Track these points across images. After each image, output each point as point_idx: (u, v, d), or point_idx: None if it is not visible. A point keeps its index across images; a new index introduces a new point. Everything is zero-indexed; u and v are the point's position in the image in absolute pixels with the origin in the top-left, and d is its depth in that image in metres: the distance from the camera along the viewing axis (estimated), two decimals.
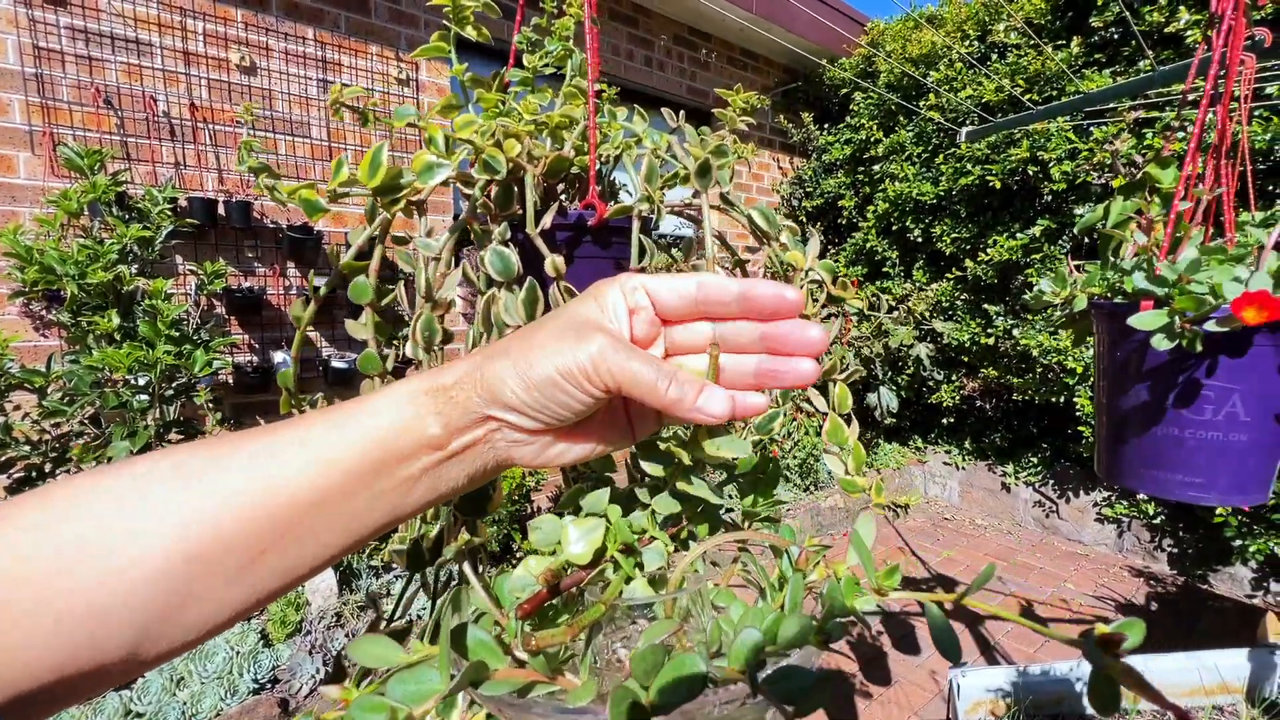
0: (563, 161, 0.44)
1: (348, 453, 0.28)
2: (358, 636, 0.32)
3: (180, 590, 0.25)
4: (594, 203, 0.46)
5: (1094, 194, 3.13)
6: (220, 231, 2.44)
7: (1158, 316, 0.65)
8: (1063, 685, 1.41)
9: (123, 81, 2.25)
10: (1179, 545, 3.12)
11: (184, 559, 0.25)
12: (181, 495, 0.25)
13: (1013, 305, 3.53)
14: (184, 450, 0.27)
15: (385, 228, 0.46)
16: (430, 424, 0.29)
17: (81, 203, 1.83)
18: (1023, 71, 3.27)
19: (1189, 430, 0.72)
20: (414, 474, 0.29)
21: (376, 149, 0.40)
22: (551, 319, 0.31)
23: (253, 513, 0.26)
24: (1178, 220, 0.70)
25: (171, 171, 2.36)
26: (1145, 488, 0.77)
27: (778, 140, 4.56)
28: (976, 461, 3.93)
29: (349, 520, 0.28)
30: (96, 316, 1.75)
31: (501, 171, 0.41)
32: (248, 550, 0.26)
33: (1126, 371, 0.76)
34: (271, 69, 2.56)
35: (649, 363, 0.29)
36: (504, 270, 0.41)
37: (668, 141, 0.47)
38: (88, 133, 2.20)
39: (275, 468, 0.27)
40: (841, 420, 0.54)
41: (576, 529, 0.34)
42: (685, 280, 0.33)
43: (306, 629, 2.25)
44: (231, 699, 1.87)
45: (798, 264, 0.52)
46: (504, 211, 0.43)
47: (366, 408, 0.29)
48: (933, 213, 3.78)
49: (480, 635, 0.27)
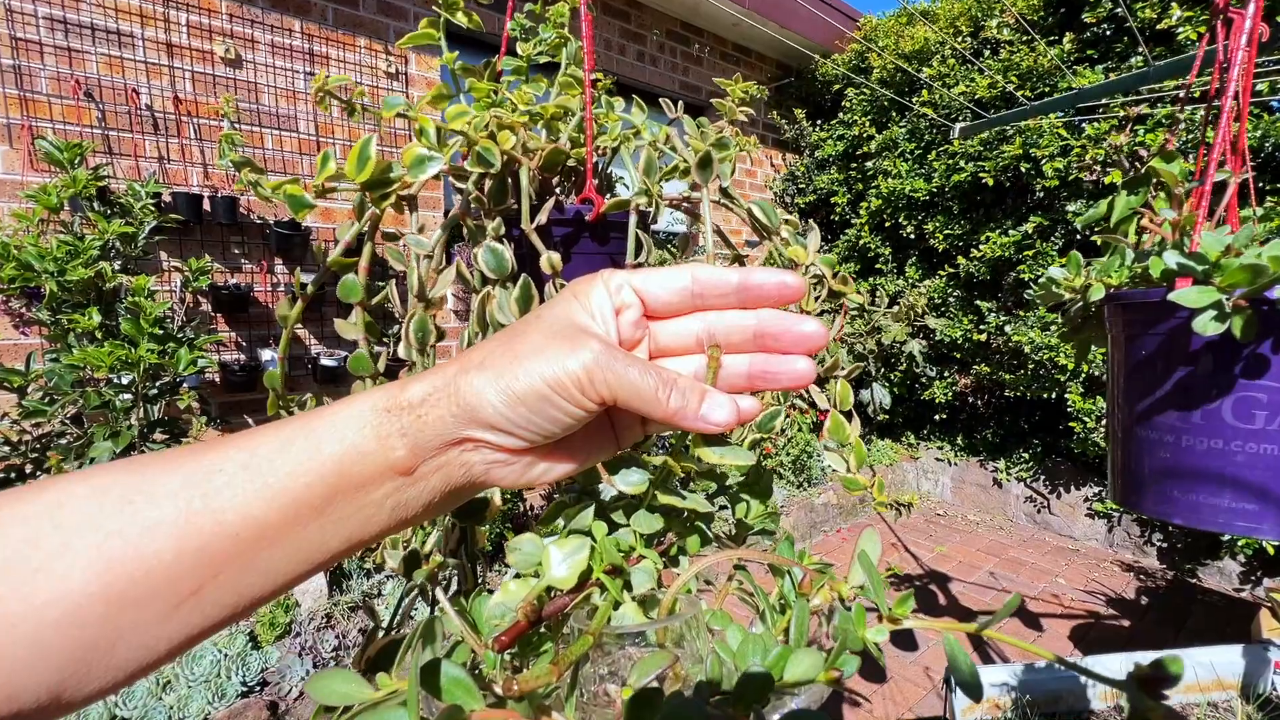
0: (559, 154, 0.42)
1: (297, 481, 0.25)
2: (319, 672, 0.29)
3: (105, 631, 0.22)
4: (591, 197, 0.44)
5: (1086, 191, 3.14)
6: (206, 227, 2.40)
7: (1204, 293, 0.54)
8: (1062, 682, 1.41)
9: (104, 74, 2.20)
10: (1168, 540, 3.15)
11: (105, 600, 0.22)
12: (102, 528, 0.22)
13: (1005, 302, 3.54)
14: (108, 473, 0.24)
15: (375, 224, 0.44)
16: (394, 447, 0.26)
17: (61, 198, 1.78)
18: (1015, 68, 3.27)
19: (1235, 443, 0.58)
20: (376, 500, 0.26)
21: (364, 142, 0.38)
22: (534, 323, 0.28)
23: (184, 546, 0.23)
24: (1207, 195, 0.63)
25: (155, 166, 2.31)
26: (1179, 516, 0.63)
27: (770, 136, 4.55)
28: (969, 458, 3.94)
29: (300, 551, 0.25)
30: (77, 314, 1.71)
31: (496, 164, 0.39)
32: (180, 588, 0.23)
33: (1150, 374, 0.64)
34: (258, 62, 2.51)
35: (647, 371, 0.27)
36: (498, 268, 0.39)
37: (667, 133, 0.45)
38: (68, 126, 2.15)
39: (213, 496, 0.24)
40: (843, 417, 0.53)
41: (559, 550, 0.31)
42: (677, 273, 0.30)
43: (296, 630, 2.22)
44: (219, 702, 1.84)
45: (799, 259, 0.51)
46: (498, 206, 0.41)
47: (321, 426, 0.26)
48: (925, 209, 3.78)
49: (454, 673, 0.24)
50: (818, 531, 3.47)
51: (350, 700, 0.27)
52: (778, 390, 0.32)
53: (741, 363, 0.31)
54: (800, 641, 0.27)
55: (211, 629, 0.25)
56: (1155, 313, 0.64)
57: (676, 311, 0.31)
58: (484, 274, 0.39)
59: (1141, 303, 0.66)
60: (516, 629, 0.30)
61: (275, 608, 2.21)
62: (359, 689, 0.27)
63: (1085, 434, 3.20)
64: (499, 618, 0.33)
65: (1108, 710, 1.51)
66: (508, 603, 0.33)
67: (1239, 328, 0.56)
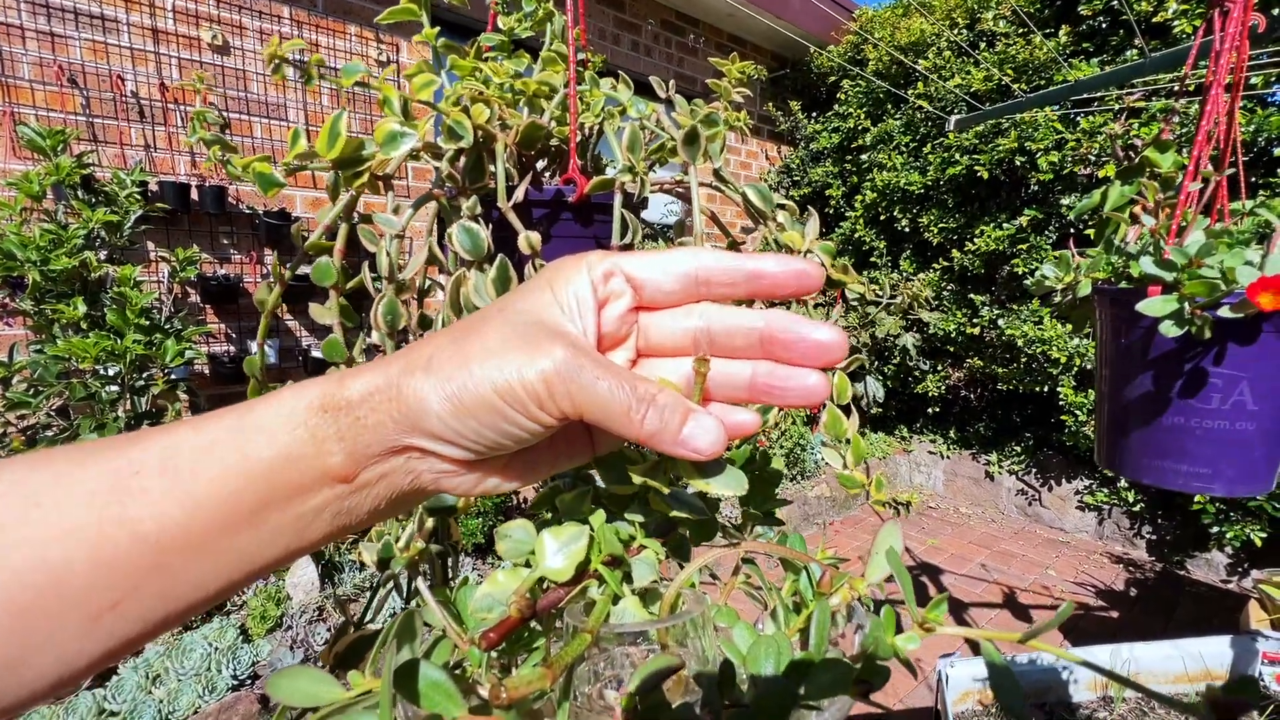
0: (538, 130, 0.41)
1: (221, 489, 0.22)
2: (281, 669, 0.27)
3: (11, 646, 0.20)
4: (574, 177, 0.42)
5: (1080, 184, 3.14)
6: (194, 217, 2.37)
7: (1167, 302, 0.63)
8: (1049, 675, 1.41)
9: (88, 60, 2.16)
10: (1157, 532, 3.17)
11: (9, 613, 0.20)
12: (4, 536, 0.20)
13: (999, 295, 3.55)
14: (13, 469, 0.21)
15: (351, 205, 0.42)
16: (330, 452, 0.23)
17: (44, 185, 1.75)
18: (1011, 60, 3.26)
19: (1195, 420, 0.70)
20: (314, 508, 0.24)
21: (335, 117, 0.37)
22: (494, 316, 0.24)
23: (99, 556, 0.21)
24: (1183, 205, 0.68)
25: (141, 154, 2.27)
26: (1149, 478, 0.75)
27: (765, 129, 4.52)
28: (961, 451, 3.96)
29: (232, 561, 0.23)
30: (62, 304, 1.68)
31: (467, 138, 0.37)
32: (96, 601, 0.21)
33: (1130, 359, 0.73)
34: (246, 49, 2.47)
35: (620, 383, 0.23)
36: (473, 248, 0.38)
37: (654, 110, 0.43)
38: (51, 113, 2.11)
39: (129, 502, 0.21)
40: (840, 412, 0.52)
41: (554, 539, 0.29)
42: (680, 256, 0.26)
43: (287, 624, 2.21)
44: (210, 696, 1.83)
45: (796, 245, 0.49)
46: (474, 184, 0.40)
47: (250, 424, 0.23)
48: (920, 202, 3.77)
49: (433, 675, 0.22)
50: (810, 524, 3.48)
51: (317, 701, 0.24)
52: (783, 407, 0.27)
53: (743, 371, 0.26)
54: (821, 647, 0.24)
55: (138, 640, 0.22)
56: (1134, 310, 0.72)
57: (675, 302, 0.27)
58: (459, 255, 0.38)
59: (1123, 300, 0.75)
60: (506, 625, 0.27)
61: (266, 601, 2.19)
62: (327, 688, 0.25)
63: (1077, 427, 3.21)
64: (486, 610, 0.30)
65: (1095, 701, 1.52)
66: (496, 595, 0.30)
67: (1197, 331, 0.65)
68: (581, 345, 0.24)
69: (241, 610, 2.22)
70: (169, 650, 1.92)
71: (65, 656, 0.21)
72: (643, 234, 0.49)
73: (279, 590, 2.27)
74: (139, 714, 1.74)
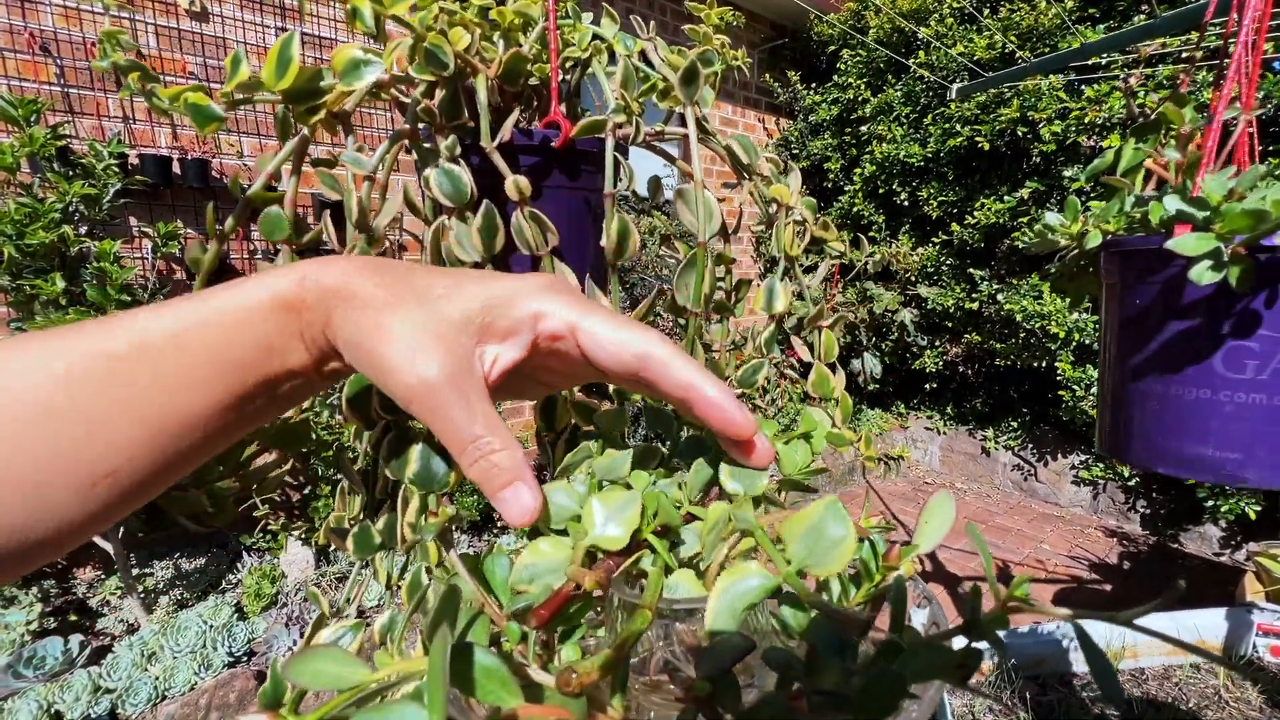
0: (521, 61, 0.37)
1: (198, 376, 0.24)
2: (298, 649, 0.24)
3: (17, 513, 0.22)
4: (557, 120, 0.39)
5: (1084, 155, 3.09)
6: (176, 191, 2.30)
7: (1202, 240, 0.53)
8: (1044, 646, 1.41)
9: (60, 26, 2.08)
10: (1151, 506, 3.19)
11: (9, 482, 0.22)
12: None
13: (998, 270, 3.51)
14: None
15: (302, 147, 0.38)
16: (294, 349, 0.25)
17: (18, 157, 1.69)
18: (1015, 27, 3.18)
19: (1224, 392, 0.58)
20: (287, 391, 0.26)
21: (284, 40, 0.33)
22: (415, 301, 0.25)
23: (94, 432, 0.23)
24: (1211, 133, 0.61)
25: (120, 126, 2.20)
26: (1163, 466, 0.64)
27: (763, 100, 4.43)
28: (958, 427, 3.96)
29: (216, 431, 0.25)
30: (40, 280, 1.64)
31: (449, 65, 0.34)
32: (92, 471, 0.23)
33: (1145, 322, 0.63)
34: (225, 15, 2.39)
35: (468, 423, 0.24)
36: (454, 194, 0.34)
37: (642, 47, 0.40)
38: (24, 82, 2.03)
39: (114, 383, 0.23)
40: (827, 370, 0.49)
41: (604, 506, 0.27)
42: (630, 339, 0.26)
43: (283, 601, 2.20)
44: (206, 673, 1.83)
45: (783, 198, 0.46)
46: (451, 123, 0.36)
47: (212, 316, 0.24)
48: (920, 175, 3.72)
49: (487, 661, 0.19)
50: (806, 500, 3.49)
51: (342, 684, 0.22)
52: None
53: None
54: (902, 626, 0.22)
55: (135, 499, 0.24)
56: (1152, 261, 0.62)
57: (612, 376, 0.27)
58: (438, 202, 0.35)
59: (1138, 250, 0.64)
60: (560, 597, 0.25)
61: (261, 579, 2.19)
62: (352, 670, 0.22)
63: (1074, 402, 3.21)
64: (526, 582, 0.28)
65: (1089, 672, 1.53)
66: (539, 565, 0.28)
67: (1235, 277, 0.54)
68: (457, 374, 0.25)
69: (237, 589, 2.22)
70: (164, 628, 1.91)
71: (67, 518, 0.23)
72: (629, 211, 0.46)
73: (274, 568, 2.27)
74: (135, 691, 1.73)
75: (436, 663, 0.17)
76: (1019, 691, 1.36)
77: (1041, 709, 1.32)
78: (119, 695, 1.73)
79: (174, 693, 1.77)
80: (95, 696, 1.71)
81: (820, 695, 0.19)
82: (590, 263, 0.46)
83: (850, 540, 0.24)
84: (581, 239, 0.43)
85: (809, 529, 0.24)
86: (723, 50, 0.44)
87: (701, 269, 0.37)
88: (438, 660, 0.17)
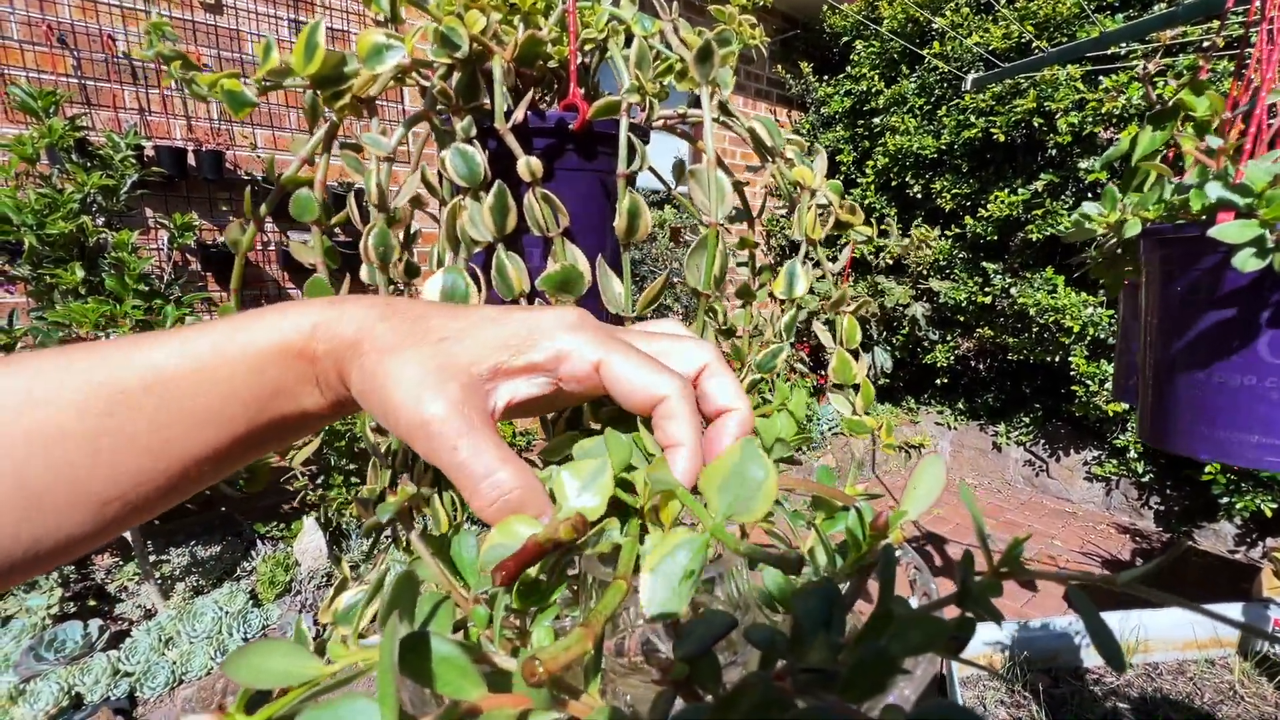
0: (537, 44, 0.37)
1: (212, 413, 0.25)
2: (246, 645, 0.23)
3: (31, 525, 0.23)
4: (575, 103, 0.39)
5: (1100, 147, 3.05)
6: (191, 183, 2.33)
7: (1245, 227, 0.53)
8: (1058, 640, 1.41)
9: (77, 19, 2.10)
10: (1165, 503, 3.16)
11: (23, 496, 0.23)
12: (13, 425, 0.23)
13: (1011, 263, 3.48)
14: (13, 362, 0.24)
15: (332, 132, 0.39)
16: (307, 393, 0.26)
17: (38, 148, 1.72)
18: (1033, 16, 3.13)
19: (1271, 379, 0.57)
20: (298, 427, 0.27)
21: (310, 27, 0.33)
22: (425, 341, 0.25)
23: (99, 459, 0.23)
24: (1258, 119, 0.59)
25: (136, 118, 2.22)
26: (1205, 452, 0.63)
27: (775, 92, 4.40)
28: (968, 422, 3.93)
29: (225, 459, 0.26)
30: (60, 270, 1.66)
31: (463, 47, 0.34)
32: (103, 494, 0.24)
33: (1187, 310, 0.63)
34: (239, 7, 2.40)
35: (475, 460, 0.23)
36: (468, 174, 0.35)
37: (659, 28, 0.40)
38: (42, 74, 2.06)
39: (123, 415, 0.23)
40: (849, 356, 0.49)
41: (574, 477, 0.26)
42: (651, 383, 0.25)
43: (296, 589, 2.23)
44: (222, 658, 1.86)
45: (807, 181, 0.46)
46: (468, 104, 0.37)
47: (230, 353, 0.25)
48: (933, 168, 3.68)
49: (445, 649, 0.18)
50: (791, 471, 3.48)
51: (291, 680, 0.20)
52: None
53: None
54: (890, 597, 0.21)
55: (145, 515, 0.25)
56: (1194, 248, 0.62)
57: (626, 407, 0.27)
58: (453, 182, 0.35)
59: (1180, 238, 0.64)
60: (525, 553, 0.23)
61: (275, 567, 2.22)
62: (302, 664, 0.21)
63: (1087, 398, 3.17)
64: (494, 561, 0.28)
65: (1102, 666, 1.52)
66: (510, 545, 0.28)
67: None
68: (466, 409, 0.24)
69: (251, 576, 2.25)
70: (181, 614, 1.95)
71: (78, 533, 0.24)
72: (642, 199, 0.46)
73: (287, 556, 2.30)
74: (153, 674, 1.77)
75: (386, 655, 0.16)
76: (1031, 684, 1.36)
77: (1054, 701, 1.32)
78: (137, 678, 1.76)
79: (191, 677, 1.81)
80: (114, 679, 1.75)
81: (806, 673, 0.18)
82: (607, 246, 0.46)
83: (771, 480, 0.22)
84: (596, 222, 0.43)
85: (729, 475, 0.23)
86: (739, 29, 0.44)
87: (712, 251, 0.37)
88: (387, 652, 0.16)
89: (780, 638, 0.20)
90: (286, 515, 2.54)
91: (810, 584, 0.20)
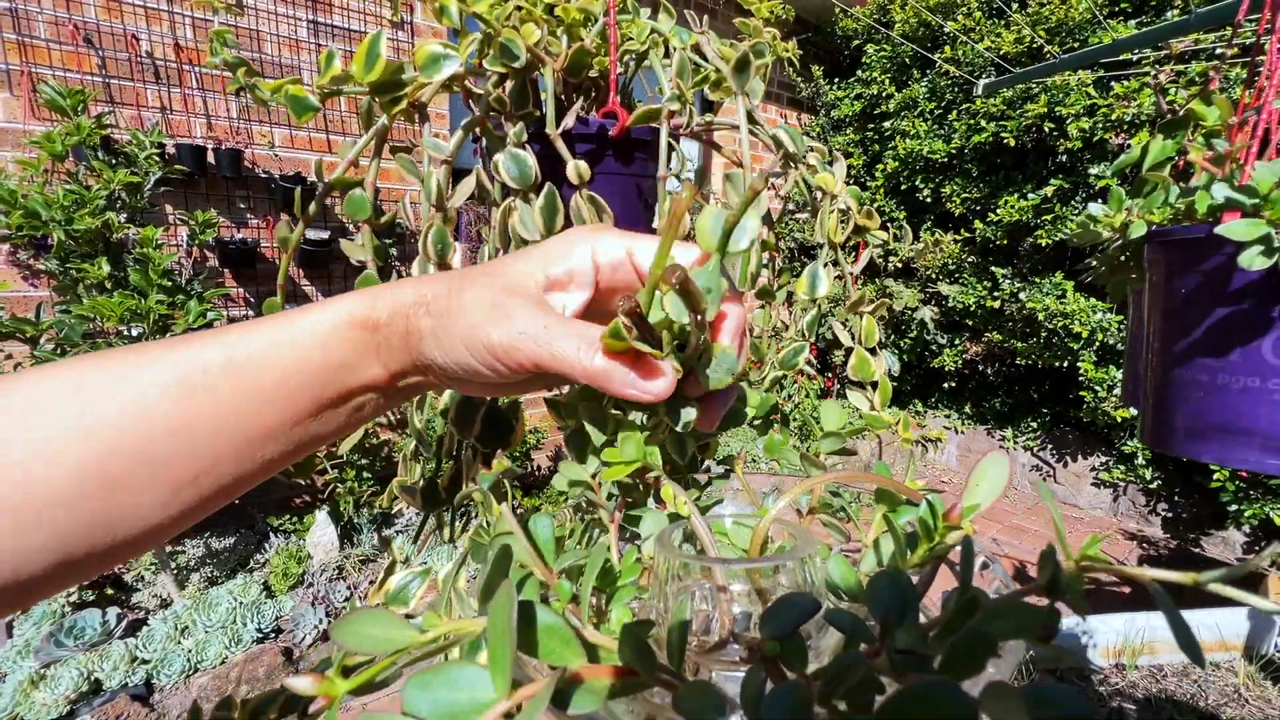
0: (585, 54, 0.39)
1: (283, 390, 0.26)
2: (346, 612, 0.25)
3: (111, 507, 0.24)
4: (615, 110, 0.41)
5: (1111, 153, 3.05)
6: (210, 181, 2.36)
7: (1253, 226, 0.53)
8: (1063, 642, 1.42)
9: (102, 19, 2.14)
10: (1174, 510, 3.15)
11: (101, 483, 0.23)
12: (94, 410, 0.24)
13: (1020, 268, 3.48)
14: (90, 359, 0.25)
15: (382, 136, 0.41)
16: (370, 364, 0.27)
17: (65, 145, 1.75)
18: (1045, 21, 3.13)
19: (1273, 381, 0.57)
20: (359, 404, 0.28)
21: (373, 37, 0.35)
22: (483, 276, 0.27)
23: (177, 441, 0.25)
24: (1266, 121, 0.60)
25: (158, 116, 2.26)
26: (1208, 454, 0.62)
27: (785, 95, 4.42)
28: (976, 426, 3.93)
29: (293, 440, 0.27)
30: (86, 264, 1.70)
31: (521, 58, 0.36)
32: (179, 474, 0.25)
33: (1191, 312, 0.63)
34: (259, 8, 2.44)
35: (572, 337, 0.25)
36: (520, 176, 0.37)
37: (696, 40, 0.42)
38: (68, 73, 2.10)
39: (203, 397, 0.25)
40: (868, 354, 0.51)
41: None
42: (678, 254, 0.27)
43: (308, 581, 2.27)
44: (236, 647, 1.89)
45: (829, 187, 0.48)
46: (519, 111, 0.39)
47: (297, 335, 0.26)
48: (943, 172, 3.69)
49: (549, 619, 0.19)
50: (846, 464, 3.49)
51: (391, 646, 0.21)
52: None
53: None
54: (967, 587, 0.21)
55: (216, 502, 0.26)
56: (1198, 249, 0.62)
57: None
58: (505, 184, 0.37)
59: (1184, 239, 0.64)
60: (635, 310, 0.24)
61: (288, 560, 2.25)
62: (399, 632, 0.21)
63: (1096, 403, 3.17)
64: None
65: (1108, 668, 1.53)
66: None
67: None
68: (542, 306, 0.26)
69: (264, 568, 2.28)
70: (196, 604, 1.98)
71: (153, 519, 0.25)
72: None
73: (300, 549, 2.33)
74: (169, 662, 1.80)
75: (501, 622, 0.15)
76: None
77: None
78: (154, 666, 1.79)
79: (206, 665, 1.84)
80: (132, 666, 1.78)
81: (901, 654, 0.19)
82: None
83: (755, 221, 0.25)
84: (632, 222, 0.46)
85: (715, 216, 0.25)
86: (773, 43, 0.46)
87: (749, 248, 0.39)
88: (503, 619, 0.15)
89: (861, 623, 0.20)
90: (299, 509, 2.57)
91: (880, 573, 0.21)
